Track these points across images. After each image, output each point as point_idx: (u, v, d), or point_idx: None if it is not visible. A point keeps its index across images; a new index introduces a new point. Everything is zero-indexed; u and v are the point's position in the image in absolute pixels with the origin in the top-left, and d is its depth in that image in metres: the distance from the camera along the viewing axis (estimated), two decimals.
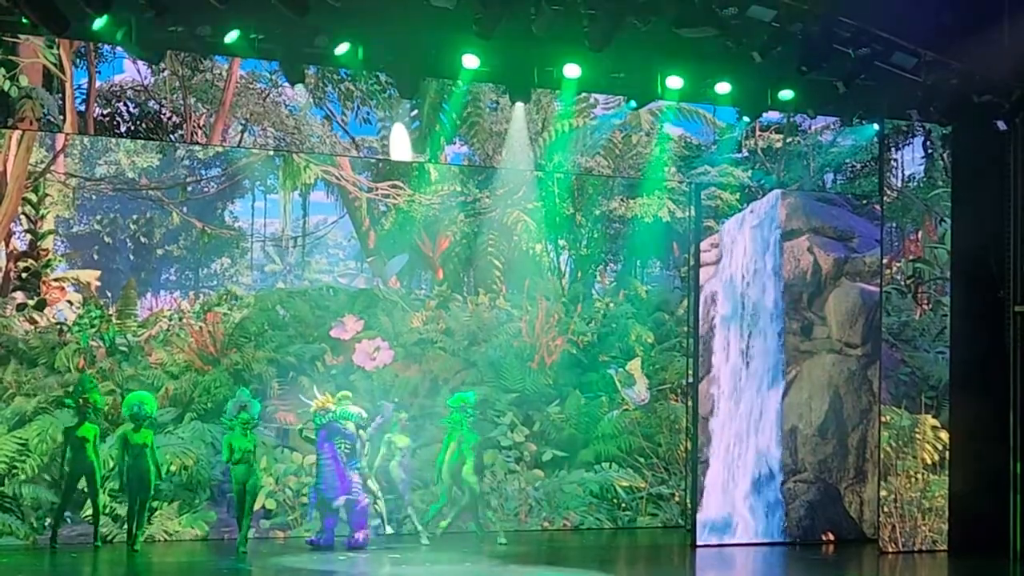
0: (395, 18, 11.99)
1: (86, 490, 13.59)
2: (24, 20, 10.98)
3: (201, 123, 14.32)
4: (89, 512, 13.72)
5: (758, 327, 15.02)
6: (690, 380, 15.43)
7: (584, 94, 15.26)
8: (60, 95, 13.59)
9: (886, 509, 14.51)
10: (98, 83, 14.04)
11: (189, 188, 15.05)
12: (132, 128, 14.25)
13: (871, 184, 15.74)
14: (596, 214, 16.62)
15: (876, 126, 14.90)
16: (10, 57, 13.06)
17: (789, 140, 15.82)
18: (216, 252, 15.35)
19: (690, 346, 15.51)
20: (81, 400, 13.60)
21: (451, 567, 12.90)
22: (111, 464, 13.72)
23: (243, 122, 14.63)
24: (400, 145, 14.67)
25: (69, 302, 14.23)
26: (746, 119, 14.96)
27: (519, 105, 14.13)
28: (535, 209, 16.18)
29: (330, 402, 13.78)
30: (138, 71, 14.18)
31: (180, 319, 14.69)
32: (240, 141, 14.67)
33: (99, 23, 11.04)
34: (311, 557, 13.20)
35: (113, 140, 14.43)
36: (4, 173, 13.88)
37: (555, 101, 15.57)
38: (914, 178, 15.21)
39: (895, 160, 15.26)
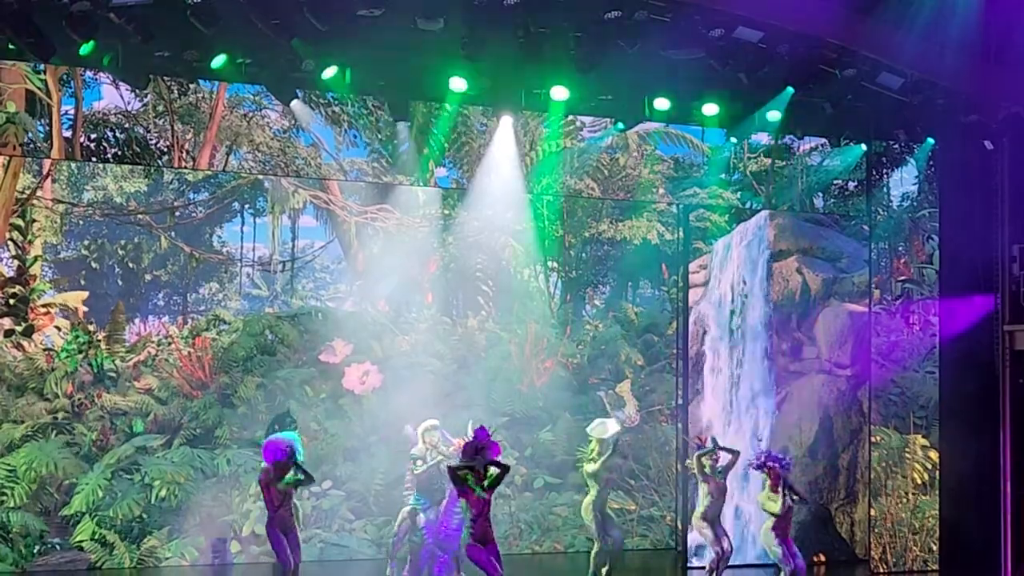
0: (382, 41, 11.97)
1: None
2: (10, 46, 10.97)
3: (188, 148, 14.30)
4: (79, 538, 13.71)
5: (747, 348, 15.02)
6: (680, 401, 15.41)
7: (571, 116, 15.27)
8: (47, 120, 13.57)
9: (876, 530, 14.50)
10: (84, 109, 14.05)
11: (177, 213, 15.01)
12: (119, 153, 14.23)
13: (861, 204, 15.77)
14: (585, 236, 16.61)
15: (863, 146, 14.95)
16: None
17: (779, 162, 15.82)
18: (204, 277, 15.31)
19: (680, 367, 15.50)
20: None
21: None
22: (100, 493, 13.78)
23: (228, 145, 14.62)
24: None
25: (57, 328, 14.18)
26: (733, 140, 14.97)
27: (505, 119, 14.09)
28: (524, 231, 16.15)
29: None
30: (120, 96, 14.17)
31: (168, 344, 14.64)
32: (225, 164, 14.65)
33: (85, 49, 11.04)
34: None
35: (100, 165, 14.41)
36: None
37: (543, 124, 15.59)
38: (908, 197, 15.23)
39: (884, 180, 15.29)
